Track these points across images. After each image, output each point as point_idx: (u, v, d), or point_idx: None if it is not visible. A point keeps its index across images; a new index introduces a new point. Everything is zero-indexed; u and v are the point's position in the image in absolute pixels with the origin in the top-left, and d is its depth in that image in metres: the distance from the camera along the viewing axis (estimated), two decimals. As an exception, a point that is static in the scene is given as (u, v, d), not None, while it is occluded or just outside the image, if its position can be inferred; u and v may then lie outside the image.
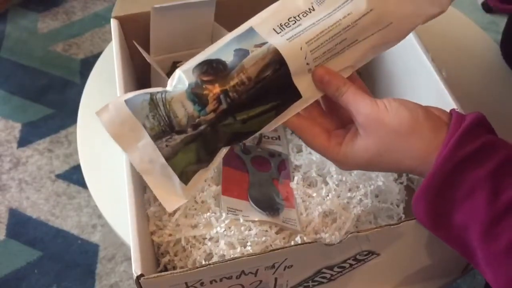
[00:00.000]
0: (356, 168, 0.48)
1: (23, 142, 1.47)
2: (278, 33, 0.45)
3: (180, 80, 0.45)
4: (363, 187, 0.59)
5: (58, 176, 1.40)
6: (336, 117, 0.49)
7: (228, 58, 0.45)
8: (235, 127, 0.45)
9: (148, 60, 0.65)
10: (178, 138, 0.44)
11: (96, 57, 0.90)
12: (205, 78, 0.44)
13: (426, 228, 0.45)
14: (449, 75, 0.62)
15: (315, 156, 0.62)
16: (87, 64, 1.63)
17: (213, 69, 0.44)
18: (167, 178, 0.45)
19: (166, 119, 0.44)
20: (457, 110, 0.45)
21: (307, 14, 0.46)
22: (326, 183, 0.60)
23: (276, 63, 0.44)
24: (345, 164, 0.47)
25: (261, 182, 0.60)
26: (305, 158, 0.63)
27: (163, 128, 0.44)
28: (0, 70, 1.65)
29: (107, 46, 0.87)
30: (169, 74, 0.68)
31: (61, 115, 1.53)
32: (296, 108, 0.46)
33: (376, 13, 0.45)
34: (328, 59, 0.46)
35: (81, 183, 1.32)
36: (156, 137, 0.44)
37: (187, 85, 0.44)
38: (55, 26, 1.78)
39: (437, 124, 0.44)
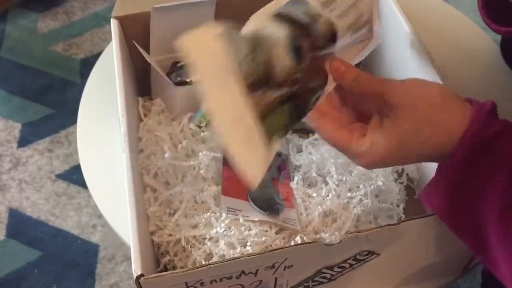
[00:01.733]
0: (383, 159, 0.44)
1: (23, 142, 1.47)
2: (324, 8, 0.41)
3: (272, 26, 0.38)
4: (363, 187, 0.59)
5: (58, 176, 1.40)
6: (350, 113, 0.47)
7: (301, 17, 0.39)
8: (313, 94, 0.41)
9: (148, 60, 0.65)
10: (272, 94, 0.37)
11: (96, 57, 0.90)
12: (299, 31, 0.38)
13: (438, 212, 0.44)
14: (449, 75, 0.62)
15: (315, 156, 0.62)
16: (87, 64, 1.63)
17: (298, 23, 0.39)
18: (251, 143, 0.37)
19: (265, 66, 0.37)
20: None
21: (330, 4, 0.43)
22: (326, 183, 0.60)
23: (331, 40, 0.41)
24: (370, 155, 0.44)
25: (261, 182, 0.60)
26: (305, 158, 0.63)
27: (259, 77, 0.37)
28: (0, 70, 1.65)
29: (107, 46, 0.87)
30: (169, 74, 0.69)
31: (61, 115, 1.53)
32: (322, 96, 0.44)
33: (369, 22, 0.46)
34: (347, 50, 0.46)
35: (81, 183, 1.32)
36: (250, 88, 0.36)
37: (285, 33, 0.38)
38: (55, 26, 1.78)
39: (461, 99, 0.43)
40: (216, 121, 0.36)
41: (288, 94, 0.38)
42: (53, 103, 1.56)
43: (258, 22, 0.38)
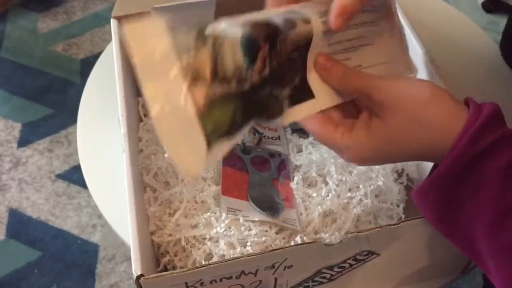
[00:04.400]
0: (368, 155, 0.43)
1: (23, 142, 1.48)
2: (322, 17, 0.41)
3: (230, 26, 0.39)
4: (363, 187, 0.59)
5: (58, 176, 1.40)
6: (344, 107, 0.46)
7: (279, 22, 0.40)
8: (269, 101, 0.40)
9: (148, 60, 0.65)
10: (218, 89, 0.36)
11: (96, 57, 0.90)
12: (257, 32, 0.38)
13: (429, 219, 0.43)
14: (449, 75, 0.62)
15: (315, 156, 0.62)
16: (87, 64, 1.64)
17: (266, 28, 0.39)
18: (188, 136, 0.36)
19: (212, 61, 0.36)
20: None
21: None
22: (326, 183, 0.60)
23: (304, 46, 0.41)
24: (354, 150, 0.43)
25: (261, 182, 0.60)
26: (305, 158, 0.63)
27: (201, 73, 0.36)
28: (0, 70, 1.65)
29: (107, 46, 0.87)
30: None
31: (61, 115, 1.53)
32: (307, 109, 0.43)
33: None
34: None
35: (81, 183, 1.32)
36: (191, 80, 0.36)
37: (240, 33, 0.38)
38: (55, 26, 1.78)
39: (454, 99, 0.42)
40: (153, 111, 0.35)
41: (235, 92, 0.38)
42: (53, 103, 1.56)
43: (226, 24, 0.39)
